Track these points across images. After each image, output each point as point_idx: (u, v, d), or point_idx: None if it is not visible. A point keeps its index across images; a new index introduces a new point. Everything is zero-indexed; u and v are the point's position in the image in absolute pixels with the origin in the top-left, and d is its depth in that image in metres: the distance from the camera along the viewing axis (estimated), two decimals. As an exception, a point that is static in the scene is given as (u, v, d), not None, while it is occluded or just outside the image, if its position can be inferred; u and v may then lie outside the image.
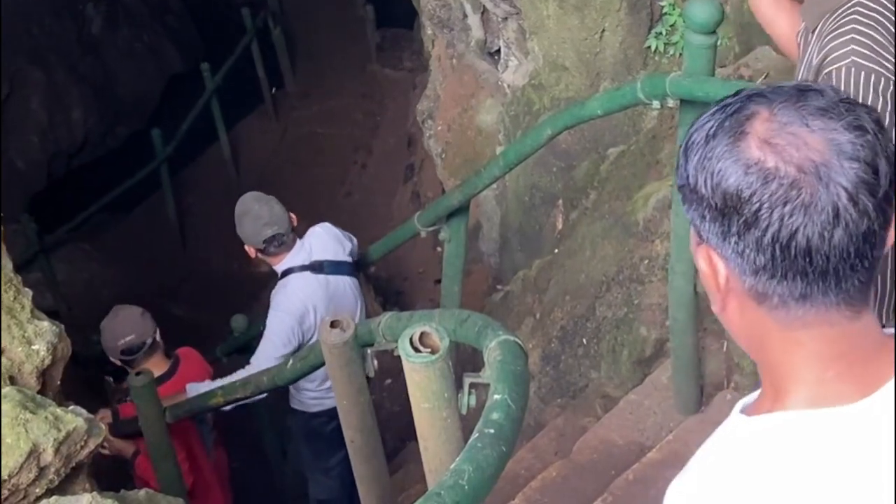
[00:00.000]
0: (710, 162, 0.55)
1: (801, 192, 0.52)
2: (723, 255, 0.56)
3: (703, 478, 0.57)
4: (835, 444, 0.54)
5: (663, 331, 2.01)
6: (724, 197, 0.54)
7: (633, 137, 2.58)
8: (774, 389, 0.57)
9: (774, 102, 0.55)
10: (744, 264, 0.55)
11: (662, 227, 2.13)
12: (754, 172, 0.53)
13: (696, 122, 0.58)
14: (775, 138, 0.53)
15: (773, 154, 0.53)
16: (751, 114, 0.55)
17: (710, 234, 0.56)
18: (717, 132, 0.55)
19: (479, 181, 2.27)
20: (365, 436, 1.44)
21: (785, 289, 0.54)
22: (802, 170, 0.52)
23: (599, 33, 2.57)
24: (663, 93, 1.55)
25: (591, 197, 2.61)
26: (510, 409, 0.95)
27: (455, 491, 0.85)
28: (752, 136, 0.54)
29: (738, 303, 0.57)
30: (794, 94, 0.55)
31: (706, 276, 0.59)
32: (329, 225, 2.41)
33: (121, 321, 2.25)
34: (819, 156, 0.52)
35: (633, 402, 1.98)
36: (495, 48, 3.16)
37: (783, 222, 0.52)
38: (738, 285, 0.56)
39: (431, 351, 1.01)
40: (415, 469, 2.37)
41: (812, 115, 0.53)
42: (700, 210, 0.56)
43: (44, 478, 1.18)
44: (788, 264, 0.53)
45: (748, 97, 0.56)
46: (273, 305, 2.24)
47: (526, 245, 3.04)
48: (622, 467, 1.82)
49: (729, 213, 0.54)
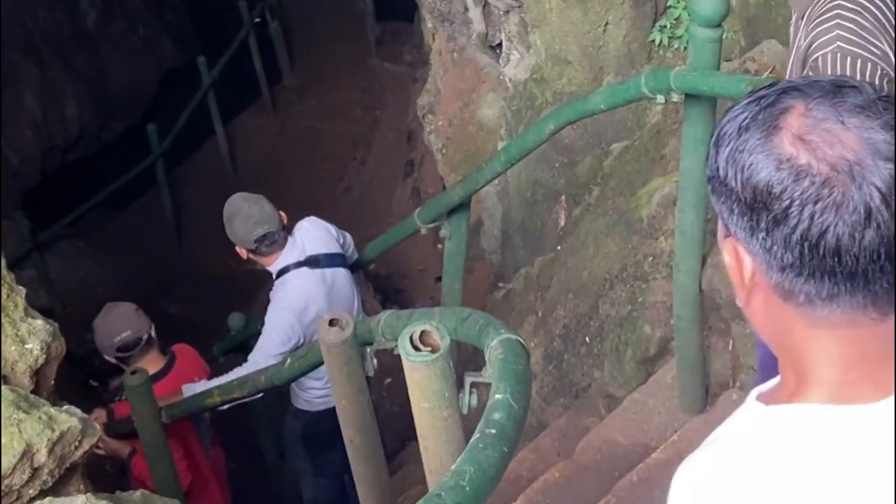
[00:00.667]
0: (741, 155, 0.54)
1: (833, 190, 0.51)
2: (750, 249, 0.56)
3: (717, 458, 0.56)
4: (851, 439, 0.54)
5: (668, 329, 1.99)
6: (753, 192, 0.54)
7: (636, 132, 2.56)
8: (795, 383, 0.57)
9: (810, 97, 0.54)
10: (771, 260, 0.54)
11: (667, 224, 2.11)
12: (786, 168, 0.52)
13: (728, 112, 0.57)
14: (809, 134, 0.53)
15: (807, 151, 0.52)
16: (785, 108, 0.54)
17: (737, 228, 0.56)
18: (751, 125, 0.55)
19: (481, 177, 2.26)
20: (364, 436, 1.43)
21: (812, 287, 0.54)
22: (835, 168, 0.52)
23: (603, 26, 2.55)
24: (668, 87, 1.55)
25: (594, 193, 2.60)
26: (512, 408, 0.94)
27: (456, 492, 0.85)
28: (786, 130, 0.53)
29: (764, 298, 0.57)
30: (830, 90, 0.54)
31: (732, 269, 0.58)
32: (315, 218, 2.37)
33: (115, 318, 2.22)
34: (853, 154, 0.52)
35: (637, 402, 1.96)
36: (497, 42, 3.13)
37: (813, 220, 0.52)
38: (765, 281, 0.56)
39: (432, 350, 1.00)
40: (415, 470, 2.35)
41: (848, 113, 0.53)
42: (729, 203, 0.56)
43: (37, 478, 1.16)
44: (817, 263, 0.53)
45: (783, 90, 0.55)
46: (273, 303, 2.22)
47: (528, 242, 3.02)
48: (626, 468, 1.80)
49: (758, 209, 0.54)
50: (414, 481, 2.47)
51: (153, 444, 2.04)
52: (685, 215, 1.66)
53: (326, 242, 2.30)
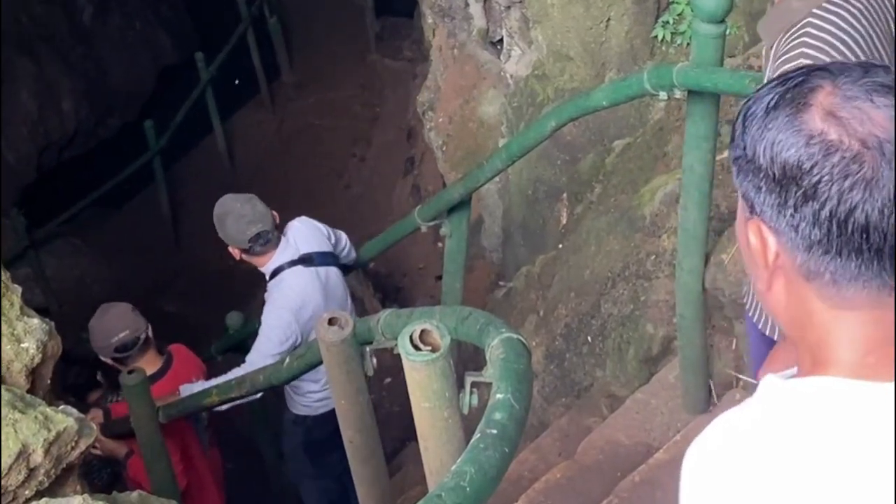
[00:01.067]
0: (770, 132, 0.54)
1: (864, 166, 0.52)
2: (776, 228, 0.55)
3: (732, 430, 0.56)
4: (870, 412, 0.53)
5: (670, 328, 1.98)
6: (783, 167, 0.53)
7: (639, 129, 2.55)
8: (811, 365, 0.57)
9: (839, 77, 0.54)
10: (797, 239, 0.54)
11: (670, 222, 2.09)
12: (817, 143, 0.52)
13: (752, 97, 0.57)
14: (840, 111, 0.53)
15: (838, 126, 0.52)
16: (815, 86, 0.54)
17: (764, 205, 0.55)
18: (779, 103, 0.55)
19: (482, 174, 2.25)
20: (364, 436, 1.42)
21: (838, 266, 0.54)
22: (866, 144, 0.52)
23: (605, 22, 2.53)
24: (671, 83, 1.54)
25: (596, 191, 2.58)
26: (513, 408, 0.93)
27: (456, 493, 0.84)
28: (816, 107, 0.53)
29: (786, 281, 0.57)
30: (858, 70, 0.55)
31: (755, 251, 0.57)
32: (305, 218, 2.38)
33: (112, 318, 2.21)
34: (883, 132, 0.52)
35: (640, 402, 1.95)
36: (498, 37, 3.11)
37: (842, 196, 0.52)
38: (789, 262, 0.56)
39: (432, 349, 1.00)
40: (415, 470, 2.33)
41: (877, 92, 0.53)
42: (756, 181, 0.55)
43: (33, 479, 1.15)
44: (845, 240, 0.53)
45: (810, 71, 0.56)
46: (269, 302, 2.20)
47: (529, 240, 3.01)
48: (628, 468, 1.79)
49: (787, 185, 0.53)
50: (414, 482, 2.46)
51: (150, 445, 2.02)
52: (688, 213, 1.64)
53: (318, 241, 2.29)
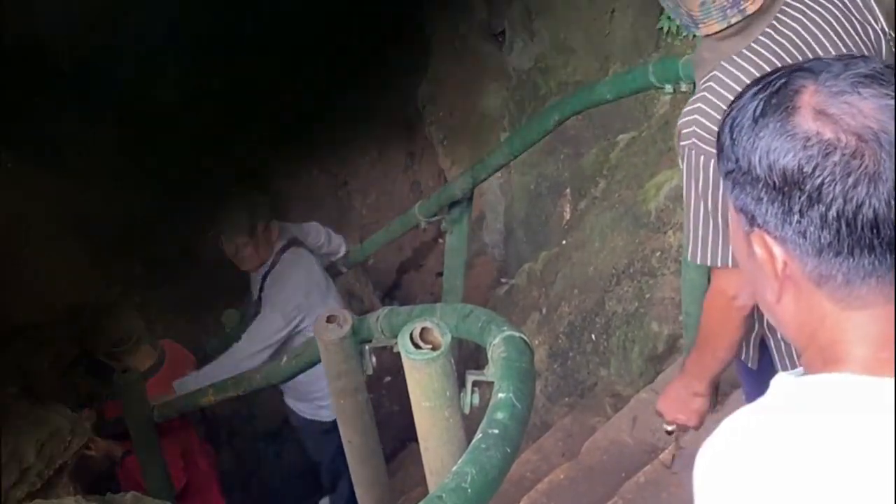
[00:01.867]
0: (762, 140, 0.54)
1: (865, 160, 0.51)
2: (781, 237, 0.55)
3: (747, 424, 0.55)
4: (884, 406, 0.52)
5: (676, 326, 1.96)
6: (783, 174, 0.53)
7: (644, 123, 2.52)
8: (823, 364, 0.56)
9: (820, 74, 0.54)
10: (806, 244, 0.54)
11: (675, 218, 2.06)
12: (814, 145, 0.52)
13: (733, 106, 0.56)
14: (830, 108, 0.53)
15: (831, 124, 0.52)
16: (798, 87, 0.54)
17: (767, 216, 0.54)
18: (766, 110, 0.54)
19: (483, 169, 2.24)
20: (363, 436, 1.40)
21: (851, 266, 0.53)
22: (862, 138, 0.51)
23: (609, 14, 2.50)
24: (676, 76, 1.56)
25: (600, 186, 2.56)
26: (515, 408, 0.92)
27: (457, 494, 0.83)
28: (805, 108, 0.53)
29: (794, 291, 0.56)
30: (838, 64, 0.54)
31: (762, 263, 0.56)
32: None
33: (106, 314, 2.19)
34: (876, 123, 0.51)
35: (645, 401, 1.92)
36: (500, 30, 3.09)
37: (848, 194, 0.51)
38: (798, 269, 0.55)
39: (433, 347, 0.99)
40: (415, 471, 2.31)
41: (861, 83, 0.53)
42: (755, 192, 0.55)
43: (26, 481, 1.12)
44: (856, 239, 0.52)
45: (790, 72, 0.55)
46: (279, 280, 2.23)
47: (532, 236, 2.98)
48: (633, 469, 1.77)
49: (790, 191, 0.53)
50: (414, 482, 2.45)
51: (145, 444, 2.00)
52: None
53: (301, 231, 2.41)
